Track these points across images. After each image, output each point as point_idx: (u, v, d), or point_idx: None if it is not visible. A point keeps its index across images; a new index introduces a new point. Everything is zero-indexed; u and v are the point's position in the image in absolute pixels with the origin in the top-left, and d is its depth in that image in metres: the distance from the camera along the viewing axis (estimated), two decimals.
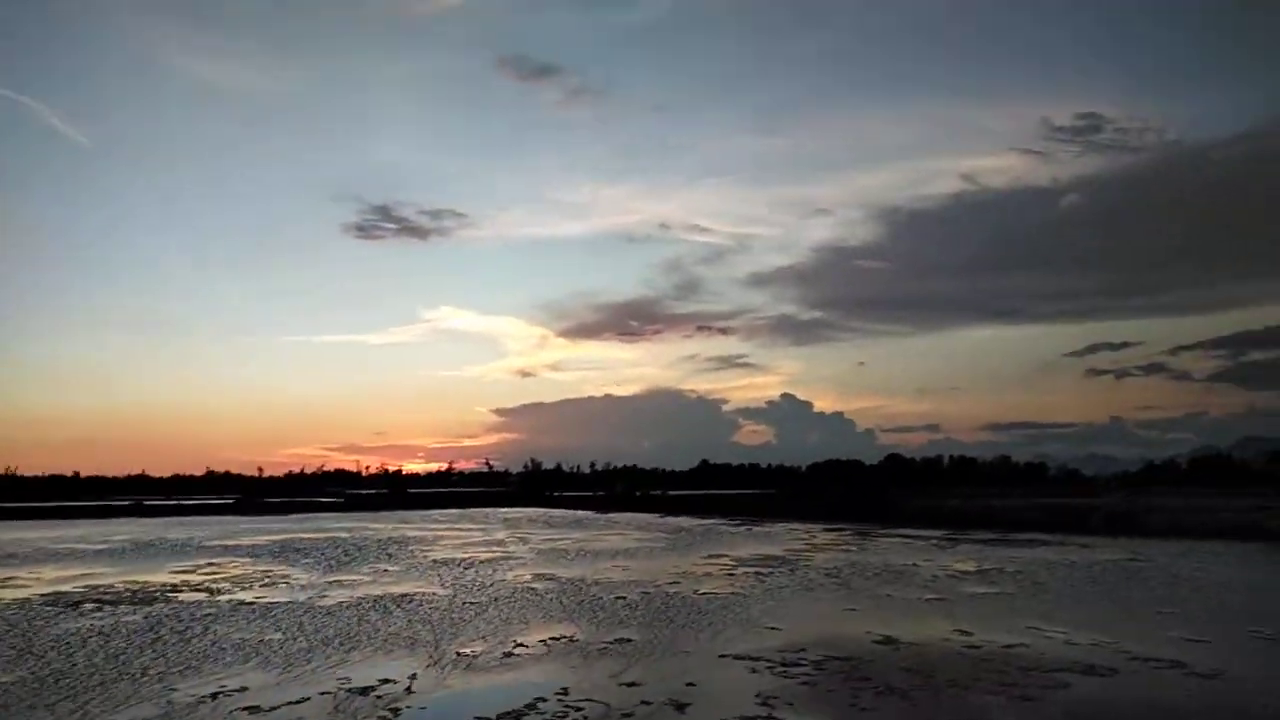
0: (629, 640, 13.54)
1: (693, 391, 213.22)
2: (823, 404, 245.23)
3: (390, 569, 25.01)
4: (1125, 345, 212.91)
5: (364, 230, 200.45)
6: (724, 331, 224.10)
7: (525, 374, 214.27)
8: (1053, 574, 21.77)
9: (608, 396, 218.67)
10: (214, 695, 10.18)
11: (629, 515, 61.30)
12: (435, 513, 69.08)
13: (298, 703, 9.83)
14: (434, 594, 19.36)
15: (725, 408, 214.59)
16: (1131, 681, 10.56)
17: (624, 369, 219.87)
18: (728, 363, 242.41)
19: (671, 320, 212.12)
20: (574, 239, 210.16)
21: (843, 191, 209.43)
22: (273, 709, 9.58)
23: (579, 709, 9.48)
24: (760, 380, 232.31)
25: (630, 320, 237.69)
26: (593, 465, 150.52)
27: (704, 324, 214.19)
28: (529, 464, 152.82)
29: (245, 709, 9.57)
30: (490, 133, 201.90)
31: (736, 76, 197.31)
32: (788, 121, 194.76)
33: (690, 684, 10.65)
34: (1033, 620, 14.95)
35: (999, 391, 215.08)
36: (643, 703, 9.75)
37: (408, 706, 9.65)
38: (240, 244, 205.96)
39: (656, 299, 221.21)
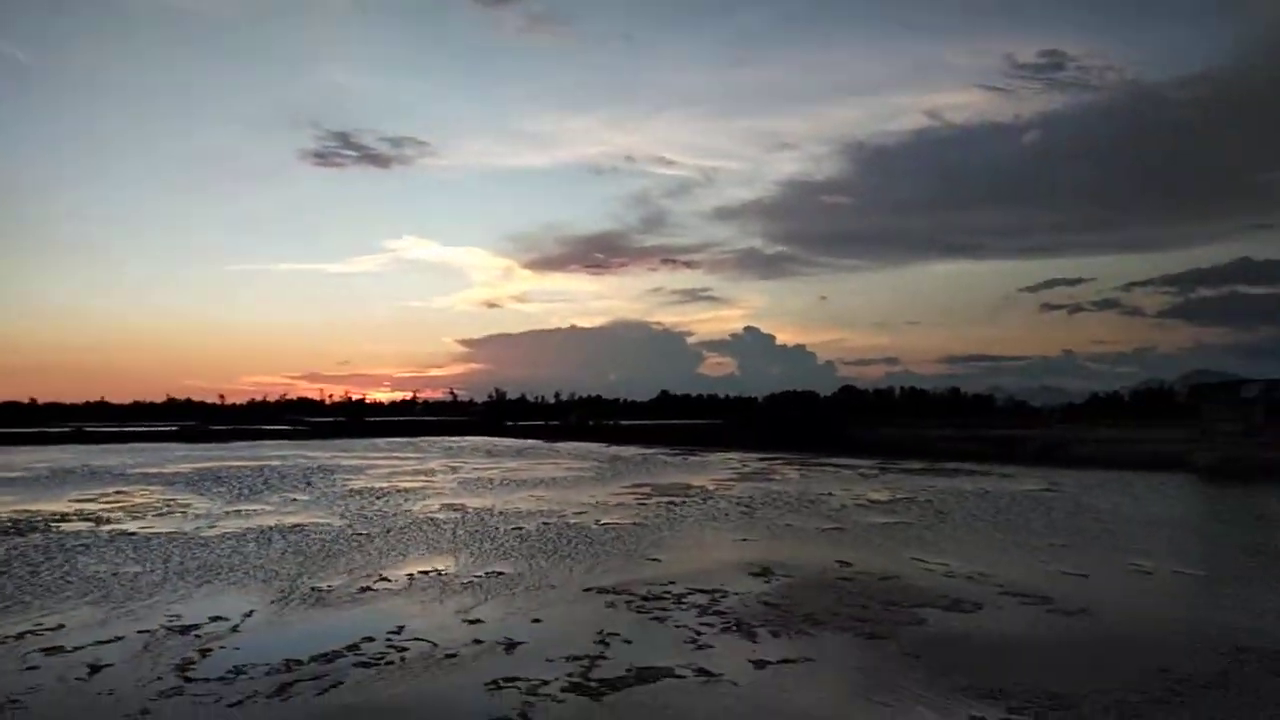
0: (500, 574, 13.12)
1: (658, 324, 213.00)
2: (785, 337, 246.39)
3: (299, 498, 24.44)
4: (1080, 281, 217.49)
5: (323, 157, 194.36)
6: (689, 265, 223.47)
7: (491, 305, 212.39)
8: (961, 503, 21.71)
9: (573, 328, 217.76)
10: (21, 635, 9.58)
11: (575, 445, 61.14)
12: (381, 441, 68.49)
13: (108, 642, 9.26)
14: (328, 525, 18.84)
15: (690, 340, 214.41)
16: (990, 618, 10.30)
17: (590, 301, 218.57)
18: (692, 296, 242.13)
19: (637, 253, 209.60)
20: (538, 170, 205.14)
21: (808, 125, 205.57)
22: (76, 649, 9.00)
23: (402, 650, 9.01)
24: (724, 313, 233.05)
25: (596, 253, 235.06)
26: (557, 396, 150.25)
27: (669, 257, 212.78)
28: (493, 394, 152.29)
29: (45, 650, 8.98)
30: (450, 59, 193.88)
31: (703, 7, 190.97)
32: (754, 53, 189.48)
33: (536, 620, 10.26)
34: (919, 551, 14.75)
35: (956, 325, 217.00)
36: (475, 641, 9.30)
37: (222, 647, 9.11)
38: (194, 168, 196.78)
39: (622, 232, 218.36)
